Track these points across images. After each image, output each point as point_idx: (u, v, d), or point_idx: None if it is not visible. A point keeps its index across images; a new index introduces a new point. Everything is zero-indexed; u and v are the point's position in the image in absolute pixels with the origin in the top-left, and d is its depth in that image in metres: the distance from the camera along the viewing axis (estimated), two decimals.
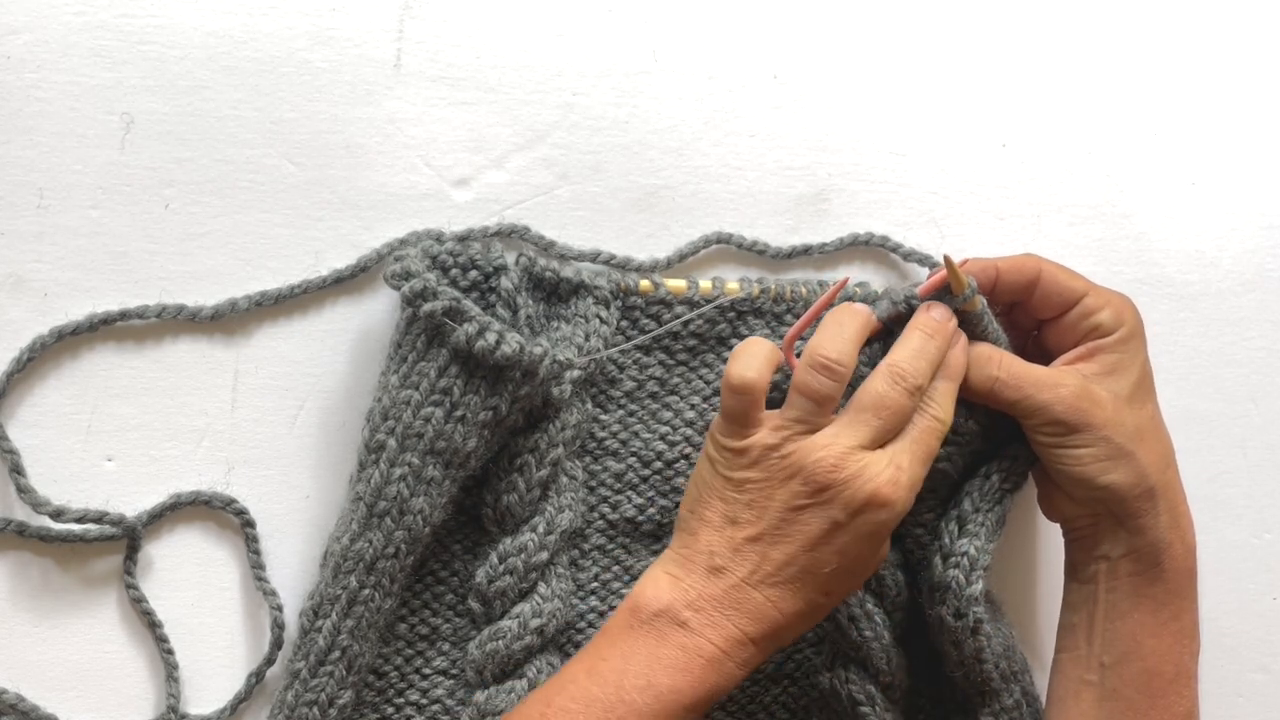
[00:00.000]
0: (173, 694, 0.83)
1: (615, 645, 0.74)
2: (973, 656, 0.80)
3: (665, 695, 0.72)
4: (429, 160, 0.87)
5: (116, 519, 0.82)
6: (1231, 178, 0.95)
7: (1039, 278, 0.79)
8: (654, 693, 0.72)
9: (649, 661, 0.73)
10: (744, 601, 0.74)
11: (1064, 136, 0.94)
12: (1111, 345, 0.78)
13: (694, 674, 0.73)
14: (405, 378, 0.80)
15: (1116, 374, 0.78)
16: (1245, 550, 0.93)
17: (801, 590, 0.74)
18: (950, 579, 0.79)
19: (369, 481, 0.80)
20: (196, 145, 0.85)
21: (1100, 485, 0.78)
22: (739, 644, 0.74)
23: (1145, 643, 0.79)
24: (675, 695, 0.73)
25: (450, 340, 0.78)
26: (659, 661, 0.73)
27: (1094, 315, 0.79)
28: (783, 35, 0.91)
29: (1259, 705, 0.93)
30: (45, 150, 0.84)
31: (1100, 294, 0.80)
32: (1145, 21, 0.95)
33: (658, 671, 0.73)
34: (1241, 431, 0.93)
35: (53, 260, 0.84)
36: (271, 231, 0.86)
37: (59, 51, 0.84)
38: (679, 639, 0.73)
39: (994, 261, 0.80)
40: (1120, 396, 0.78)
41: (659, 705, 0.72)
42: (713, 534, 0.75)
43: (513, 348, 0.78)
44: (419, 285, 0.79)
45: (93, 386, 0.84)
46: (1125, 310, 0.80)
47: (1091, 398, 0.77)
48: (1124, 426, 0.77)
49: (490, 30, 0.88)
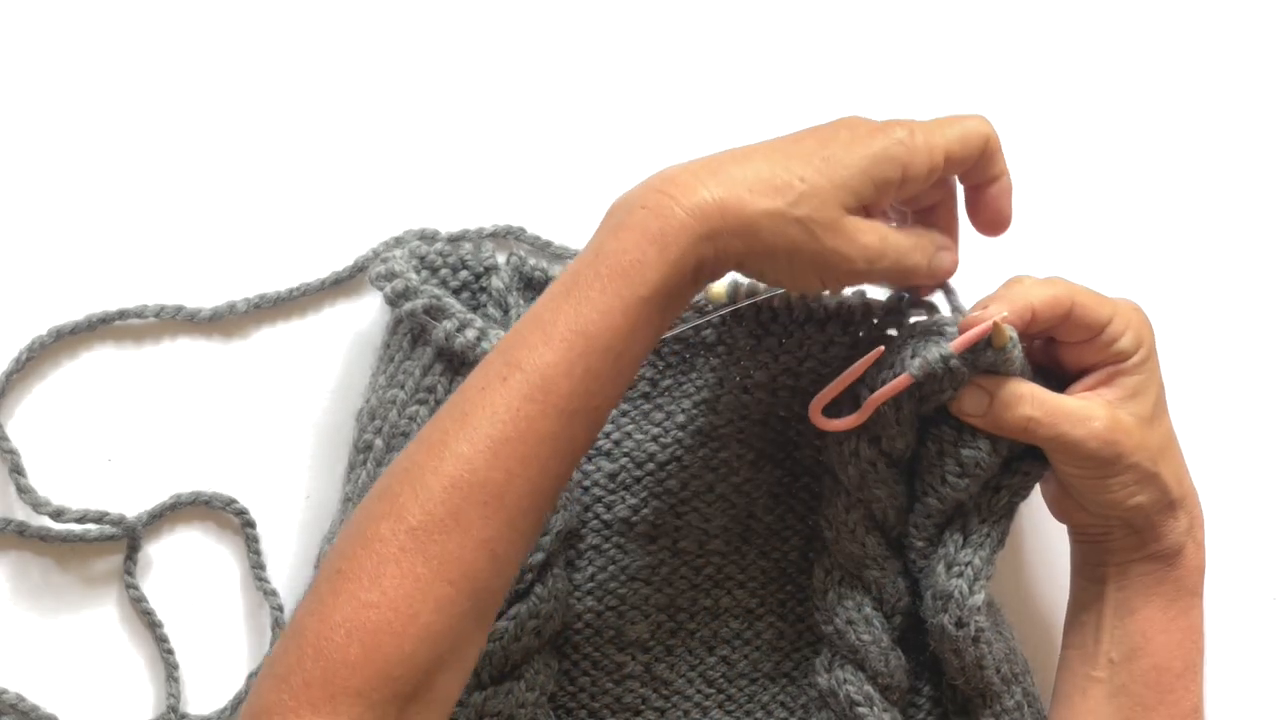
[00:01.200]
0: (173, 693, 0.83)
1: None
2: (974, 664, 0.80)
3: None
4: (428, 161, 0.88)
5: (116, 519, 0.83)
6: (1232, 178, 0.95)
7: (1070, 312, 0.76)
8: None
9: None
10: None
11: (1064, 136, 0.93)
12: (1132, 369, 0.77)
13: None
14: (391, 377, 0.80)
15: (1138, 397, 0.77)
16: (1245, 550, 0.93)
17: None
18: (953, 588, 0.79)
19: (357, 482, 0.80)
20: (197, 144, 0.85)
21: (1128, 508, 0.78)
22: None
23: (1155, 639, 0.79)
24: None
25: (433, 338, 0.78)
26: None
27: (1117, 341, 0.77)
28: (782, 35, 0.91)
29: (1259, 705, 0.93)
30: (45, 150, 0.84)
31: (1122, 316, 0.77)
32: (1145, 22, 0.95)
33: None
34: (1242, 431, 0.93)
35: (53, 260, 0.84)
36: (271, 231, 0.86)
37: (59, 51, 0.84)
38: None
39: (1030, 303, 0.76)
40: (1143, 419, 0.77)
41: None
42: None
43: (495, 344, 0.78)
44: (401, 285, 0.79)
45: (93, 386, 0.84)
46: (1144, 330, 0.78)
47: (1121, 428, 0.76)
48: (1149, 450, 0.77)
49: (489, 30, 0.89)
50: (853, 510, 0.82)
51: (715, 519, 0.85)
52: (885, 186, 0.73)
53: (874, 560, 0.82)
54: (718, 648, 0.87)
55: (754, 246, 0.71)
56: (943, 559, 0.80)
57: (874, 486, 0.81)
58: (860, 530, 0.82)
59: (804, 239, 0.72)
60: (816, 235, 0.72)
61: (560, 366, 0.68)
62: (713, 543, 0.86)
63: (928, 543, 0.81)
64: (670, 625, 0.86)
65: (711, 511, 0.85)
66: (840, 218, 0.72)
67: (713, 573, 0.86)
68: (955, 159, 0.75)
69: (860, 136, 0.73)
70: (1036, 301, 0.75)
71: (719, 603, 0.86)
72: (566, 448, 0.69)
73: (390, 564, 0.64)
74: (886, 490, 0.81)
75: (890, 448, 0.80)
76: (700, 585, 0.86)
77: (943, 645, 0.80)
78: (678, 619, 0.86)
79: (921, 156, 0.74)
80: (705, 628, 0.86)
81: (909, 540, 0.82)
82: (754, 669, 0.87)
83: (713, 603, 0.86)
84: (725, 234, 0.70)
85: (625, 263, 0.69)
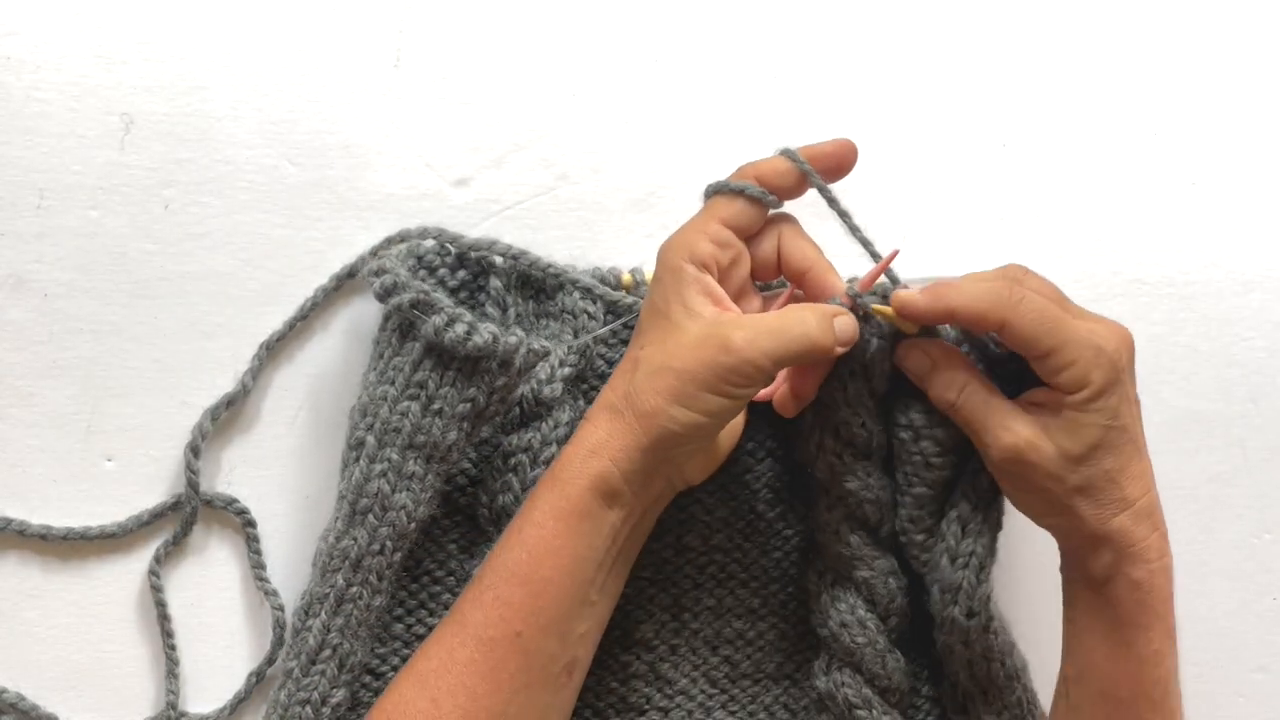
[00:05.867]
0: (172, 690, 0.83)
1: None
2: (982, 655, 0.81)
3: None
4: (429, 160, 0.88)
5: (117, 522, 0.83)
6: (1231, 178, 0.95)
7: (1003, 328, 0.74)
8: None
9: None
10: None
11: (1064, 136, 0.93)
12: (1074, 405, 0.74)
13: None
14: (381, 373, 0.80)
15: (1072, 433, 0.74)
16: (1245, 550, 0.93)
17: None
18: (960, 579, 0.79)
19: (350, 479, 0.80)
20: (196, 145, 0.85)
21: (1043, 524, 0.78)
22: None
23: (1100, 665, 0.77)
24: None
25: (421, 333, 0.78)
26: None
27: (1060, 374, 0.74)
28: (782, 35, 0.91)
29: (1259, 705, 0.93)
30: (45, 150, 0.84)
31: (1074, 350, 0.73)
32: (1145, 22, 0.95)
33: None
34: (1241, 431, 0.93)
35: (53, 260, 0.84)
36: (271, 231, 0.86)
37: (59, 51, 0.84)
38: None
39: (949, 305, 0.75)
40: (1068, 455, 0.74)
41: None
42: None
43: (485, 338, 0.78)
44: (389, 280, 0.79)
45: (93, 386, 0.84)
46: (1097, 372, 0.73)
47: (1035, 452, 0.75)
48: (1064, 484, 0.75)
49: (490, 30, 0.88)
50: (834, 509, 0.82)
51: (717, 510, 0.85)
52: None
53: (861, 560, 0.82)
54: (721, 647, 0.87)
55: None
56: (945, 552, 0.80)
57: (844, 480, 0.81)
58: (844, 530, 0.82)
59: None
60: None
61: (470, 594, 0.76)
62: (715, 538, 0.86)
63: (927, 535, 0.81)
64: (674, 625, 0.86)
65: (713, 502, 0.85)
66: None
67: (716, 571, 0.86)
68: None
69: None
70: (960, 304, 0.75)
71: (722, 602, 0.86)
72: (493, 676, 0.74)
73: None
74: (858, 483, 0.81)
75: (850, 436, 0.81)
76: (704, 584, 0.86)
77: (952, 637, 0.80)
78: (682, 618, 0.86)
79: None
80: (709, 627, 0.86)
81: (907, 536, 0.82)
82: (757, 669, 0.87)
83: (716, 602, 0.86)
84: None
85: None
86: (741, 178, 0.78)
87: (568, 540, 0.74)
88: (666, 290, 0.76)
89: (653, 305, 0.77)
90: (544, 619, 0.74)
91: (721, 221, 0.77)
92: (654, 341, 0.75)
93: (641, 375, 0.74)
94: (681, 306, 0.75)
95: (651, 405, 0.74)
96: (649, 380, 0.74)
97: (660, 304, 0.76)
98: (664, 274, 0.76)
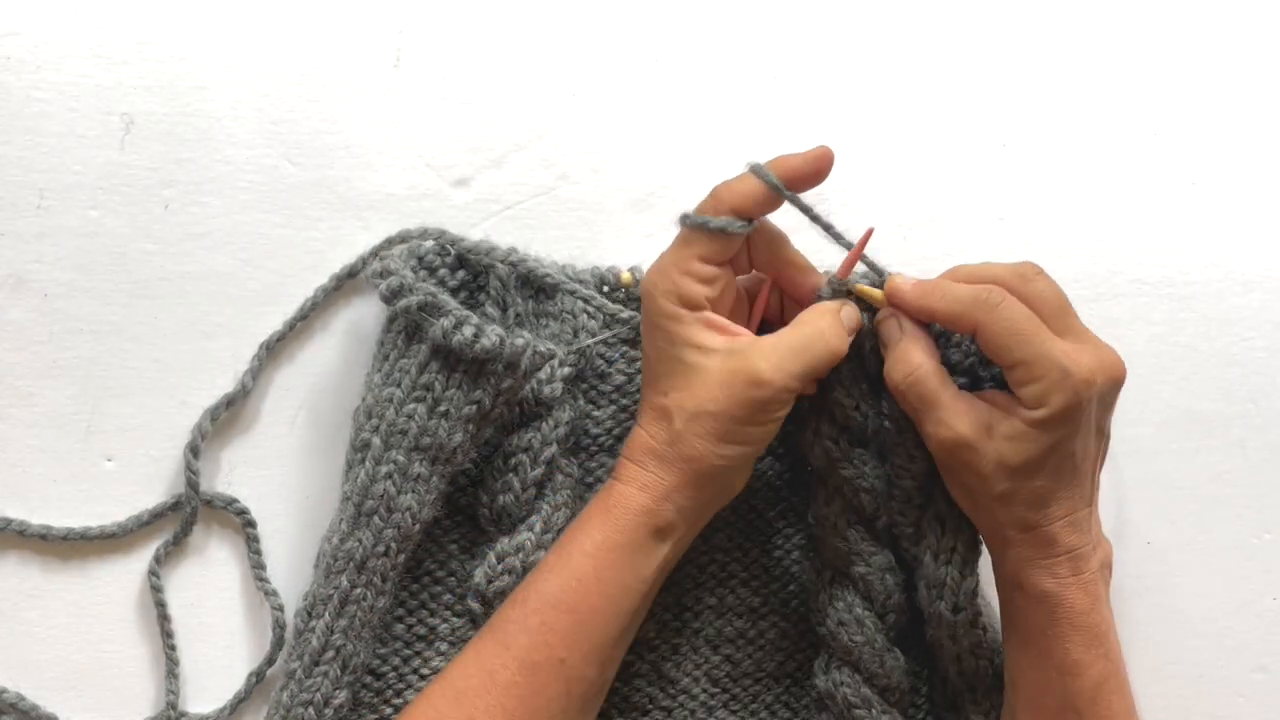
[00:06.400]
0: (172, 690, 0.83)
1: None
2: (970, 650, 0.81)
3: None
4: (429, 160, 0.88)
5: (117, 522, 0.83)
6: (1231, 178, 0.95)
7: (976, 333, 0.75)
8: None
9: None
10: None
11: (1064, 136, 0.93)
12: (1028, 420, 0.74)
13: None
14: (387, 375, 0.80)
15: (1014, 442, 0.74)
16: (1245, 550, 0.93)
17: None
18: (944, 575, 0.80)
19: (355, 480, 0.80)
20: (196, 145, 0.85)
21: (967, 514, 0.79)
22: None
23: (1024, 673, 0.78)
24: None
25: (429, 335, 0.78)
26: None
27: (1022, 388, 0.74)
28: (782, 35, 0.91)
29: (1259, 705, 0.93)
30: (45, 150, 0.84)
31: (1041, 368, 0.73)
32: (1145, 21, 0.95)
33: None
34: (1241, 431, 0.93)
35: (53, 260, 0.84)
36: (271, 231, 0.86)
37: (59, 51, 0.84)
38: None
39: (930, 305, 0.77)
40: (1005, 464, 0.74)
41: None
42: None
43: (492, 340, 0.78)
44: (396, 282, 0.79)
45: (93, 386, 0.84)
46: (1054, 393, 0.73)
47: (968, 452, 0.75)
48: (990, 488, 0.75)
49: (490, 30, 0.88)
50: (832, 502, 0.82)
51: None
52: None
53: (859, 555, 0.82)
54: (722, 646, 0.87)
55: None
56: (928, 548, 0.80)
57: (840, 467, 0.81)
58: (842, 523, 0.82)
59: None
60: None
61: (514, 615, 0.76)
62: (716, 536, 0.86)
63: (916, 528, 0.82)
64: (676, 624, 0.86)
65: None
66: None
67: (717, 570, 0.86)
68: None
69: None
70: (941, 304, 0.76)
71: (723, 600, 0.86)
72: (532, 700, 0.74)
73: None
74: (854, 470, 0.81)
75: (846, 419, 0.81)
76: (705, 583, 0.86)
77: (940, 631, 0.81)
78: (683, 617, 0.86)
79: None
80: (710, 626, 0.86)
81: (899, 529, 0.82)
82: (758, 668, 0.87)
83: (717, 600, 0.86)
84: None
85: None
86: (715, 202, 0.77)
87: (619, 572, 0.76)
88: (671, 335, 0.77)
89: (660, 351, 0.77)
90: (588, 646, 0.75)
91: (701, 259, 0.77)
92: (678, 388, 0.76)
93: (680, 423, 0.76)
94: (692, 348, 0.76)
95: (699, 449, 0.76)
96: (689, 426, 0.76)
97: (667, 348, 0.77)
98: (660, 320, 0.77)
